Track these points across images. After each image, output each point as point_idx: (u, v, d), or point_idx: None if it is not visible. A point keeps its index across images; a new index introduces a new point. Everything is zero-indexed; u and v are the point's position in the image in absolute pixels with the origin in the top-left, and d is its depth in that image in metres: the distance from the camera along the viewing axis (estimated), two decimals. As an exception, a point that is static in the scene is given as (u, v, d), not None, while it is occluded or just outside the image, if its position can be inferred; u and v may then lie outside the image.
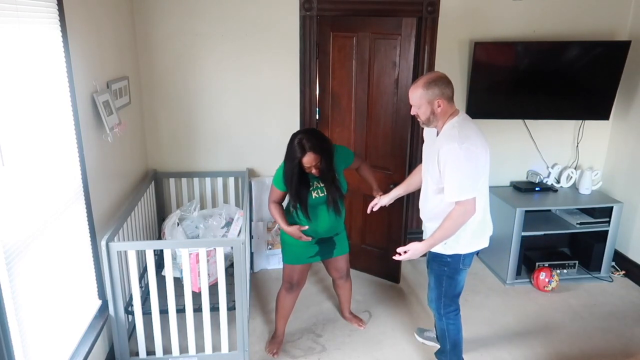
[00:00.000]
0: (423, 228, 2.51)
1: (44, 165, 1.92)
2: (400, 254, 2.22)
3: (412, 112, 2.20)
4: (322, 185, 2.48)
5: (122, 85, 2.84)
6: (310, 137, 2.39)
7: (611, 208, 3.48)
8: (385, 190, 3.32)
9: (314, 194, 2.47)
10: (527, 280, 3.52)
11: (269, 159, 3.57)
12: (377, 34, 3.11)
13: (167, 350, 2.57)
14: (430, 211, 2.31)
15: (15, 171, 1.69)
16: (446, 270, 2.30)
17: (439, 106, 2.10)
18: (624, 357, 2.77)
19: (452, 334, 2.47)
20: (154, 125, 3.41)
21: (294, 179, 2.40)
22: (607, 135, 3.82)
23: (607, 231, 3.49)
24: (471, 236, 2.24)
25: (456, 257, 2.27)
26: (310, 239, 2.52)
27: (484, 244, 2.33)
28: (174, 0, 3.17)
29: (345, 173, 2.60)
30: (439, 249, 2.27)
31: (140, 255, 2.82)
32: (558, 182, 3.82)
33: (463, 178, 2.07)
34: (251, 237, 3.55)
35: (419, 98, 2.12)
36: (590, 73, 3.45)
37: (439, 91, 2.08)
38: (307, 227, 2.49)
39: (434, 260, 2.36)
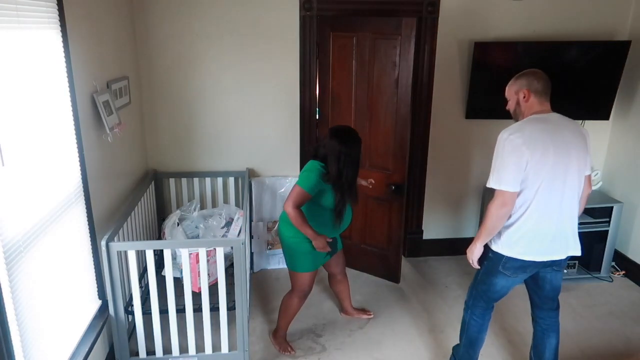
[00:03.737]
0: None
1: (44, 166, 1.92)
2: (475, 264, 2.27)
3: (507, 107, 2.28)
4: None
5: (122, 85, 2.84)
6: (347, 128, 2.53)
7: (611, 208, 3.48)
8: (386, 190, 3.35)
9: None
10: (527, 280, 3.52)
11: (269, 159, 3.58)
12: (377, 34, 3.11)
13: (167, 350, 2.57)
14: None
15: (15, 171, 1.69)
16: (485, 264, 2.24)
17: (523, 97, 2.15)
18: (624, 357, 2.77)
19: (471, 329, 2.38)
20: (154, 125, 3.41)
21: (356, 178, 2.47)
22: (607, 135, 3.82)
23: (607, 231, 3.49)
24: (516, 240, 2.12)
25: (497, 256, 2.17)
26: (329, 249, 2.54)
27: (533, 257, 2.13)
28: (174, 0, 3.17)
29: None
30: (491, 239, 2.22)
31: (140, 255, 2.82)
32: (558, 182, 3.81)
33: (500, 166, 2.04)
34: (251, 237, 3.55)
35: (508, 88, 2.23)
36: (590, 73, 3.45)
37: (527, 81, 2.14)
38: (331, 239, 2.53)
39: (485, 248, 2.27)
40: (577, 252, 2.21)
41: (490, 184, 2.07)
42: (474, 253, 2.22)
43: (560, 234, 2.14)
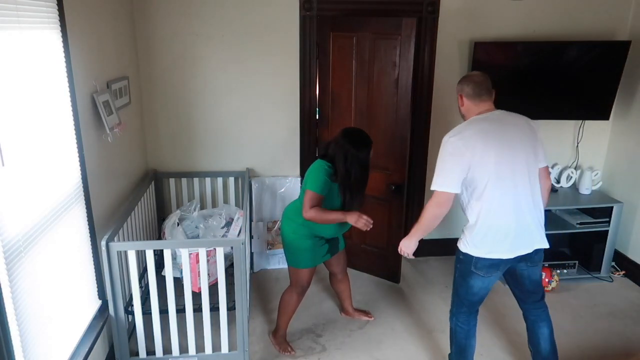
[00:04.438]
0: None
1: (44, 166, 1.92)
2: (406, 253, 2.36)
3: None
4: None
5: (122, 85, 2.84)
6: (361, 131, 2.51)
7: (611, 208, 3.48)
8: (386, 190, 3.35)
9: None
10: (527, 280, 3.51)
11: (269, 159, 3.58)
12: (377, 34, 3.11)
13: (167, 350, 2.57)
14: None
15: (15, 171, 1.69)
16: (459, 267, 2.28)
17: (460, 101, 2.22)
18: (624, 357, 2.77)
19: (458, 337, 2.38)
20: (154, 125, 3.41)
21: (366, 182, 2.47)
22: (607, 135, 3.82)
23: (607, 231, 3.49)
24: (480, 239, 2.15)
25: (467, 257, 2.21)
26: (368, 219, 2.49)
27: (499, 254, 2.16)
28: (174, 0, 3.17)
29: None
30: (459, 242, 2.27)
31: (140, 255, 2.82)
32: (558, 182, 3.82)
33: (440, 169, 2.13)
34: (251, 237, 3.55)
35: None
36: (590, 73, 3.45)
37: (460, 87, 2.23)
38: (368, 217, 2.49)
39: (456, 252, 2.31)
40: (544, 244, 2.23)
41: (433, 186, 2.13)
42: (410, 247, 2.34)
43: (523, 229, 2.16)
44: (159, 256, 2.94)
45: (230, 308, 2.51)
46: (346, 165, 2.40)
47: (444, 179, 2.11)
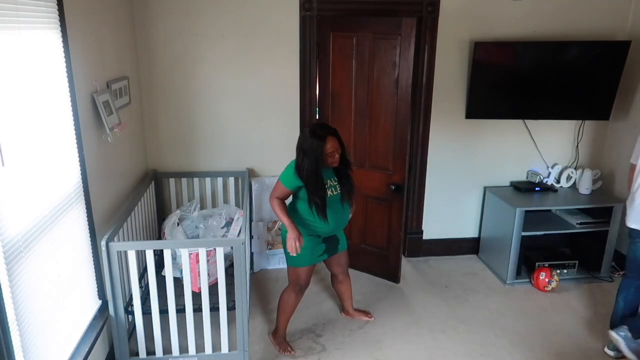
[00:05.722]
0: None
1: (44, 166, 1.92)
2: None
3: None
4: (335, 183, 2.53)
5: (122, 85, 2.84)
6: (321, 124, 2.46)
7: (611, 208, 3.48)
8: (386, 190, 3.35)
9: (329, 193, 2.50)
10: (527, 280, 3.52)
11: (269, 159, 3.58)
12: (377, 34, 3.11)
13: (167, 350, 2.57)
14: None
15: (15, 171, 1.69)
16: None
17: None
18: (624, 357, 2.76)
19: (618, 290, 2.80)
20: (154, 125, 3.41)
21: (318, 174, 2.42)
22: (607, 135, 3.82)
23: (607, 231, 3.49)
24: (628, 207, 2.60)
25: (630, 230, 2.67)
26: (300, 247, 2.49)
27: (634, 224, 2.60)
28: (174, 0, 3.17)
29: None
30: None
31: (140, 255, 2.82)
32: (558, 182, 3.81)
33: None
34: (251, 237, 3.55)
35: None
36: (590, 73, 3.45)
37: None
38: (304, 243, 2.49)
39: None
40: None
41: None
42: None
43: None
44: (159, 256, 2.93)
45: (230, 308, 2.51)
46: (297, 159, 2.42)
47: (635, 151, 2.56)
